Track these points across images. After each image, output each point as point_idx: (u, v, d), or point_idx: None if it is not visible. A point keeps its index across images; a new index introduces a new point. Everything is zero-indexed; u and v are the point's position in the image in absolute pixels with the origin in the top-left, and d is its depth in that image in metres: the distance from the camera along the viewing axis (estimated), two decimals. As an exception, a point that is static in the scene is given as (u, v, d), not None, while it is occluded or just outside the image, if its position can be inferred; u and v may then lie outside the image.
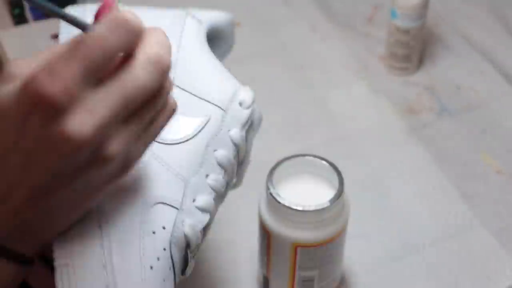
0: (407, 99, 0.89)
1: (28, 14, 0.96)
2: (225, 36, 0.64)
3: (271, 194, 0.60)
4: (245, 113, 0.56)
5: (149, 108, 0.41)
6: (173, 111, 0.44)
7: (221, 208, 0.76)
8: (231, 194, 0.78)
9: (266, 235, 0.62)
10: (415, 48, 0.90)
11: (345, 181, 0.61)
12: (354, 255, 0.71)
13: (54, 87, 0.37)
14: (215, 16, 0.63)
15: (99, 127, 0.38)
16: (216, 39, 0.64)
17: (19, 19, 0.96)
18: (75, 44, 0.38)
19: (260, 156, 0.80)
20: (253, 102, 0.57)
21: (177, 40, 0.58)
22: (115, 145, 0.40)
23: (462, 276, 0.71)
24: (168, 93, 0.43)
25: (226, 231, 0.74)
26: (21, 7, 0.95)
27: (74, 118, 0.37)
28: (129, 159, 0.42)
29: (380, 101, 0.88)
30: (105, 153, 0.39)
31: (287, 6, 1.02)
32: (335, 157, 0.66)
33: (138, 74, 0.40)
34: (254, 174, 0.78)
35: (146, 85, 0.40)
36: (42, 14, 0.95)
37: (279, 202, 0.59)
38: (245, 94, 0.57)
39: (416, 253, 0.72)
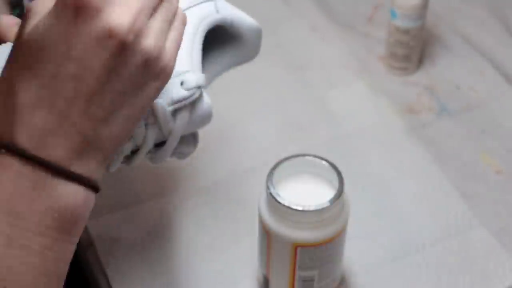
0: (407, 99, 0.89)
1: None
2: (246, 42, 0.63)
3: (271, 194, 0.60)
4: (181, 92, 0.55)
5: (167, 7, 0.46)
6: (185, 18, 0.49)
7: (221, 208, 0.77)
8: (231, 194, 0.78)
9: (266, 235, 0.62)
10: (415, 48, 0.90)
11: (345, 181, 0.61)
12: (354, 255, 0.71)
13: None
14: (239, 16, 0.62)
15: (135, 16, 0.42)
16: (236, 41, 0.63)
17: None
18: None
19: (260, 156, 0.81)
20: (197, 87, 0.55)
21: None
22: (150, 39, 0.43)
23: (462, 276, 0.71)
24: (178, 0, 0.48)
25: (226, 231, 0.74)
26: (21, 7, 0.95)
27: (113, 13, 0.41)
28: (167, 58, 0.45)
29: (380, 101, 0.88)
30: (145, 45, 0.43)
31: (287, 6, 1.02)
32: (335, 157, 0.66)
33: None
34: (254, 174, 0.78)
35: None
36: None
37: (279, 202, 0.60)
38: (192, 77, 0.55)
39: (416, 253, 0.73)
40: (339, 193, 0.60)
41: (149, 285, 0.70)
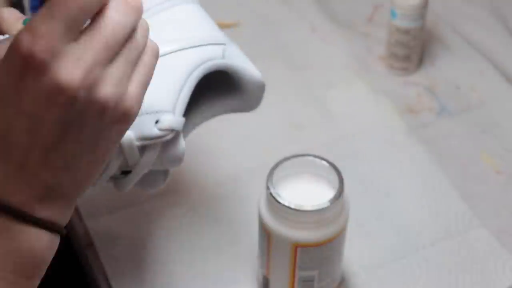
0: (407, 99, 0.89)
1: (28, 14, 0.96)
2: (247, 93, 0.62)
3: (271, 194, 0.60)
4: (153, 131, 0.54)
5: (131, 47, 0.44)
6: (156, 49, 0.46)
7: (221, 208, 0.77)
8: (231, 194, 0.78)
9: (266, 235, 0.62)
10: (415, 48, 0.90)
11: (345, 181, 0.61)
12: (354, 255, 0.71)
13: (37, 46, 0.39)
14: (244, 66, 0.60)
15: (88, 71, 0.41)
16: (237, 90, 0.62)
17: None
18: (53, 3, 0.40)
19: (260, 156, 0.81)
20: (170, 129, 0.54)
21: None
22: (108, 87, 0.42)
23: (462, 276, 0.71)
24: (146, 32, 0.45)
25: (226, 231, 0.74)
26: (21, 7, 0.95)
27: (63, 68, 0.40)
28: (128, 102, 0.44)
29: (380, 101, 0.88)
30: (100, 96, 0.42)
31: (287, 6, 1.02)
32: (335, 157, 0.66)
33: (112, 15, 0.42)
34: (254, 174, 0.78)
35: (121, 24, 0.43)
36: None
37: (279, 202, 0.60)
38: (168, 118, 0.54)
39: (416, 253, 0.73)
40: (339, 193, 0.60)
41: (149, 285, 0.70)
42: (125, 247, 0.73)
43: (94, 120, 0.42)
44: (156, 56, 0.47)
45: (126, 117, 0.44)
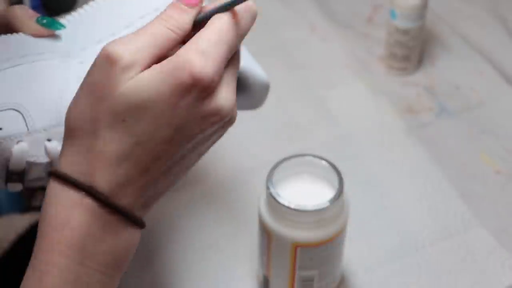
0: (407, 99, 0.89)
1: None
2: (251, 93, 0.63)
3: (271, 194, 0.60)
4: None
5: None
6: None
7: (221, 208, 0.77)
8: (231, 194, 0.78)
9: (266, 235, 0.62)
10: (415, 49, 0.90)
11: (345, 181, 0.61)
12: (354, 255, 0.71)
13: (210, 69, 0.42)
14: (251, 67, 0.62)
15: (234, 96, 0.45)
16: (242, 89, 0.63)
17: None
18: (222, 28, 0.43)
19: (260, 156, 0.81)
20: None
21: None
22: (235, 107, 0.46)
23: (462, 276, 0.71)
24: None
25: (226, 231, 0.74)
26: (21, 7, 0.95)
27: (223, 92, 0.44)
28: (236, 112, 0.47)
29: (380, 101, 0.88)
30: (235, 117, 0.46)
31: (287, 6, 1.02)
32: (335, 157, 0.66)
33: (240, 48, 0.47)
34: (254, 174, 0.78)
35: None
36: (42, 14, 0.95)
37: (279, 202, 0.60)
38: None
39: (415, 253, 0.73)
40: (339, 193, 0.60)
41: (149, 285, 0.70)
42: (125, 247, 0.73)
43: (221, 134, 0.47)
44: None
45: (231, 122, 0.47)
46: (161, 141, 0.43)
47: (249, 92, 0.63)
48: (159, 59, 0.43)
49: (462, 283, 0.70)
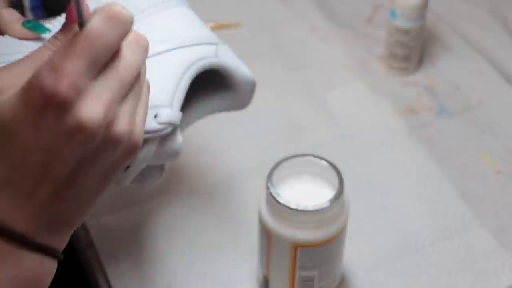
0: (407, 99, 0.89)
1: (28, 14, 0.96)
2: (238, 92, 0.63)
3: (271, 194, 0.60)
4: (153, 124, 0.55)
5: (139, 84, 0.45)
6: (149, 84, 0.48)
7: (221, 208, 0.77)
8: (231, 194, 0.78)
9: (266, 235, 0.62)
10: (415, 48, 0.90)
11: (345, 181, 0.61)
12: (354, 255, 0.71)
13: (62, 84, 0.39)
14: (236, 65, 0.62)
15: (107, 110, 0.41)
16: (229, 89, 0.63)
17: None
18: (75, 40, 0.41)
19: (260, 156, 0.81)
20: (169, 123, 0.55)
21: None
22: (122, 123, 0.43)
23: (462, 276, 0.71)
24: (145, 68, 0.47)
25: (226, 231, 0.74)
26: (21, 7, 0.95)
27: (85, 106, 0.40)
28: (137, 135, 0.45)
29: (380, 101, 0.88)
30: (115, 132, 0.43)
31: (287, 6, 1.02)
32: (335, 157, 0.66)
33: (127, 55, 0.43)
34: (254, 174, 0.78)
35: (134, 64, 0.44)
36: (42, 14, 0.95)
37: (279, 202, 0.60)
38: (167, 112, 0.56)
39: (415, 253, 0.73)
40: (339, 193, 0.60)
41: (149, 285, 0.70)
42: (125, 247, 0.73)
43: (107, 154, 0.43)
44: (149, 90, 0.48)
45: (135, 149, 0.45)
46: (34, 164, 0.41)
47: (236, 90, 0.63)
48: None
49: (462, 283, 0.70)
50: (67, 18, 0.43)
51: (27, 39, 0.54)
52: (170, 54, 0.58)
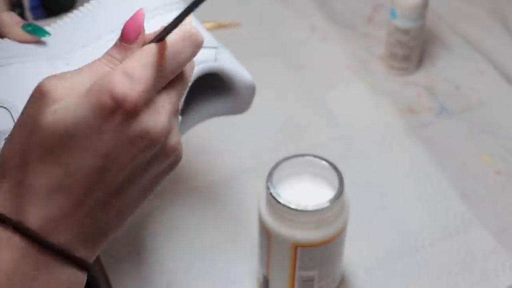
0: (407, 99, 0.89)
1: (28, 14, 0.96)
2: (238, 96, 0.63)
3: (271, 194, 0.60)
4: None
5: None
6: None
7: (221, 208, 0.77)
8: (231, 194, 0.78)
9: (266, 235, 0.62)
10: (415, 48, 0.90)
11: (345, 181, 0.61)
12: (354, 255, 0.71)
13: (135, 91, 0.40)
14: (236, 69, 0.62)
15: (169, 122, 0.43)
16: (229, 93, 0.63)
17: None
18: (151, 51, 0.42)
19: (260, 156, 0.81)
20: None
21: None
22: (175, 136, 0.45)
23: (462, 276, 0.71)
24: None
25: (226, 231, 0.74)
26: (21, 7, 0.95)
27: (151, 116, 0.42)
28: (181, 147, 0.46)
29: (380, 101, 0.88)
30: (170, 144, 0.44)
31: (287, 6, 1.02)
32: (335, 157, 0.66)
33: (187, 71, 0.46)
34: (254, 174, 0.78)
35: (190, 81, 0.46)
36: (42, 14, 0.95)
37: (279, 202, 0.60)
38: None
39: (415, 253, 0.73)
40: (339, 193, 0.60)
41: (149, 285, 0.70)
42: (125, 247, 0.73)
43: (158, 165, 0.44)
44: None
45: (178, 162, 0.46)
46: (91, 171, 0.41)
47: (235, 94, 0.63)
48: None
49: (462, 283, 0.70)
50: (123, 35, 0.44)
51: (27, 42, 0.54)
52: None
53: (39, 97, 0.41)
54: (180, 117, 0.57)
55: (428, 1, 0.88)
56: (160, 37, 0.43)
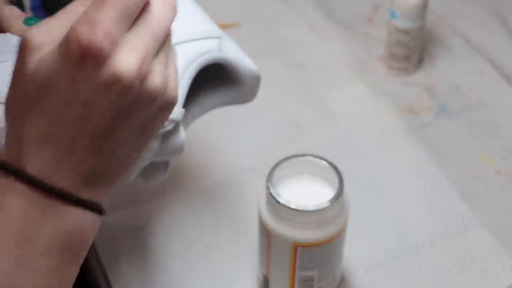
0: (407, 99, 0.89)
1: (28, 13, 0.96)
2: (243, 86, 0.63)
3: (271, 194, 0.60)
4: None
5: (169, 43, 0.46)
6: (176, 50, 0.49)
7: (221, 208, 0.77)
8: (231, 194, 0.78)
9: (266, 235, 0.62)
10: (415, 49, 0.90)
11: (345, 181, 0.61)
12: (354, 255, 0.71)
13: (97, 35, 0.40)
14: (240, 59, 0.61)
15: (142, 61, 0.42)
16: (233, 82, 0.63)
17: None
18: None
19: (260, 156, 0.81)
20: (171, 120, 0.56)
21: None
22: (156, 77, 0.44)
23: (462, 276, 0.71)
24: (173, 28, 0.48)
25: (226, 231, 0.74)
26: (22, 7, 0.95)
27: (120, 58, 0.41)
28: (171, 91, 0.46)
29: (380, 101, 0.88)
30: (150, 86, 0.43)
31: (286, 6, 1.02)
32: (335, 157, 0.66)
33: (156, 11, 0.44)
34: (254, 174, 0.78)
35: (164, 20, 0.45)
36: (42, 14, 0.95)
37: (279, 202, 0.60)
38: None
39: (415, 253, 0.73)
40: (339, 193, 0.60)
41: (149, 285, 0.70)
42: (125, 247, 0.73)
43: (143, 108, 0.44)
44: (177, 55, 0.49)
45: (170, 105, 0.46)
46: (72, 118, 0.42)
47: (240, 84, 0.63)
48: None
49: (462, 283, 0.70)
50: None
51: None
52: None
53: (21, 47, 0.43)
54: (183, 110, 0.57)
55: (428, 1, 0.88)
56: None
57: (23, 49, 0.42)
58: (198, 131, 0.75)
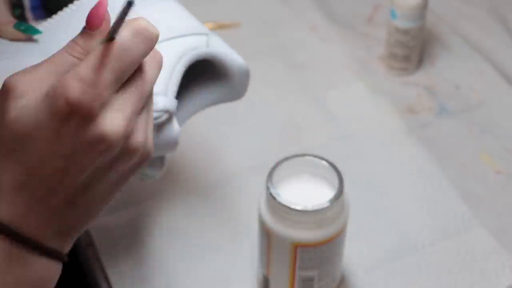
0: (407, 99, 0.89)
1: (28, 14, 0.96)
2: (233, 81, 0.63)
3: (271, 194, 0.60)
4: None
5: (151, 97, 0.46)
6: (151, 93, 0.49)
7: (221, 208, 0.77)
8: (231, 194, 0.78)
9: (266, 235, 0.62)
10: (415, 49, 0.90)
11: (345, 181, 0.61)
12: (354, 255, 0.71)
13: (89, 95, 0.40)
14: (228, 54, 0.62)
15: (128, 123, 0.42)
16: (223, 79, 0.63)
17: (20, 19, 0.96)
18: (104, 52, 0.41)
19: (260, 156, 0.81)
20: (165, 110, 0.56)
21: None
22: (139, 135, 0.44)
23: (462, 276, 0.71)
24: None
25: (226, 231, 0.74)
26: (22, 7, 0.95)
27: (108, 118, 0.41)
28: (149, 145, 0.46)
29: (380, 101, 0.88)
30: (133, 144, 0.44)
31: (287, 6, 1.02)
32: (335, 157, 0.66)
33: (148, 71, 0.44)
34: (254, 173, 0.78)
35: (153, 79, 0.45)
36: (42, 14, 0.95)
37: (279, 202, 0.60)
38: (162, 100, 0.56)
39: (415, 253, 0.73)
40: (339, 193, 0.60)
41: (149, 285, 0.70)
42: (125, 247, 0.73)
43: (123, 164, 0.44)
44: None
45: (146, 160, 0.46)
46: (52, 171, 0.42)
47: (230, 79, 0.63)
48: None
49: (462, 283, 0.70)
50: (87, 23, 0.44)
51: (19, 40, 0.54)
52: (161, 45, 0.58)
53: (4, 92, 0.42)
54: (175, 101, 0.57)
55: (428, 1, 0.88)
56: (110, 36, 0.42)
57: (6, 94, 0.42)
58: (198, 131, 0.75)
